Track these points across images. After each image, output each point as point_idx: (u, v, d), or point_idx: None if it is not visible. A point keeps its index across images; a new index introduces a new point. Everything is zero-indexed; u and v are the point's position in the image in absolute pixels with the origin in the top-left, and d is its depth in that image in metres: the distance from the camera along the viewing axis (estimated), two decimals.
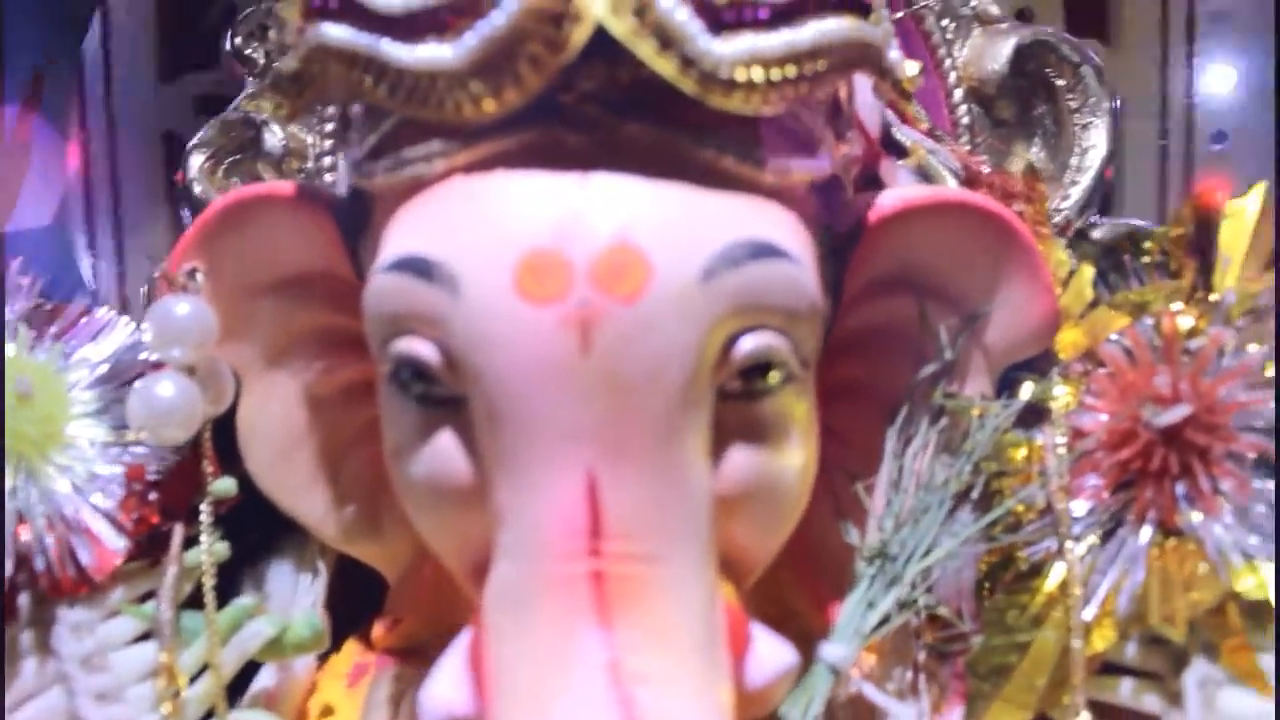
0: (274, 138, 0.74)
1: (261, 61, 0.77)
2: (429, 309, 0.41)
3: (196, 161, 0.73)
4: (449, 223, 0.41)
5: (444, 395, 0.42)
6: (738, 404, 0.43)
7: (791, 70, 0.42)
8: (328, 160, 0.75)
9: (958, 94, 0.74)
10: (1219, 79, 0.96)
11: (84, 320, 0.57)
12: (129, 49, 0.88)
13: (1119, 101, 0.74)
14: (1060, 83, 0.74)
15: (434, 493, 0.43)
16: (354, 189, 0.48)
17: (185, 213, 0.75)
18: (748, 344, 0.42)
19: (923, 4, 0.70)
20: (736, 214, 0.42)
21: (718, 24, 0.40)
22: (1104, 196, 0.76)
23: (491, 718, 0.40)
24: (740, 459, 0.43)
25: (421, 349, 0.42)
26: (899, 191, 0.53)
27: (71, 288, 0.82)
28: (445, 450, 0.43)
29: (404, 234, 0.43)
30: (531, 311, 0.39)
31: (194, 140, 0.74)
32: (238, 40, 0.77)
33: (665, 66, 0.39)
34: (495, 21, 0.40)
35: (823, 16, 0.44)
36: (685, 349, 0.40)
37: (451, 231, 0.41)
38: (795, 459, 0.45)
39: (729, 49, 0.40)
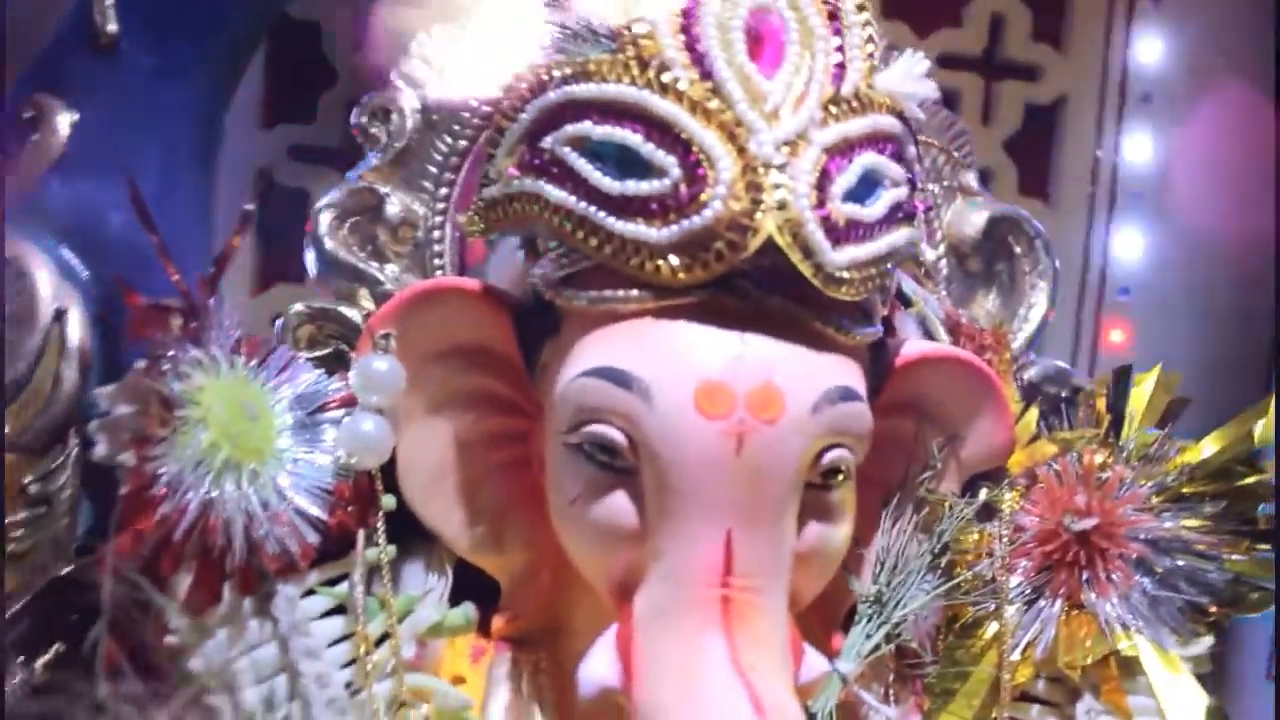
0: (393, 208, 0.92)
1: (383, 140, 0.95)
2: (625, 408, 0.62)
3: (325, 218, 0.91)
4: (644, 350, 0.62)
5: (622, 466, 0.63)
6: (816, 492, 0.65)
7: (873, 270, 0.66)
8: (436, 234, 0.94)
9: (941, 249, 0.99)
10: (1128, 242, 1.25)
11: (272, 355, 0.75)
12: (240, 96, 1.04)
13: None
14: (1018, 249, 0.99)
15: (603, 533, 0.64)
16: (543, 300, 0.68)
17: (311, 256, 0.92)
18: (830, 456, 0.64)
19: (929, 190, 0.94)
20: (834, 367, 0.64)
21: (836, 240, 0.63)
22: None
23: (639, 691, 0.61)
24: (813, 530, 0.65)
25: (613, 434, 0.62)
26: (918, 345, 0.77)
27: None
28: (617, 504, 0.63)
29: (603, 350, 0.63)
30: (705, 423, 0.61)
31: (324, 200, 0.92)
32: (363, 119, 0.95)
33: (805, 269, 0.62)
34: (697, 223, 0.61)
35: (893, 230, 0.67)
36: (799, 456, 0.62)
37: (647, 357, 0.62)
38: (845, 531, 0.68)
39: (841, 258, 0.63)
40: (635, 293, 0.64)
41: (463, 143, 0.91)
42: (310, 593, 0.70)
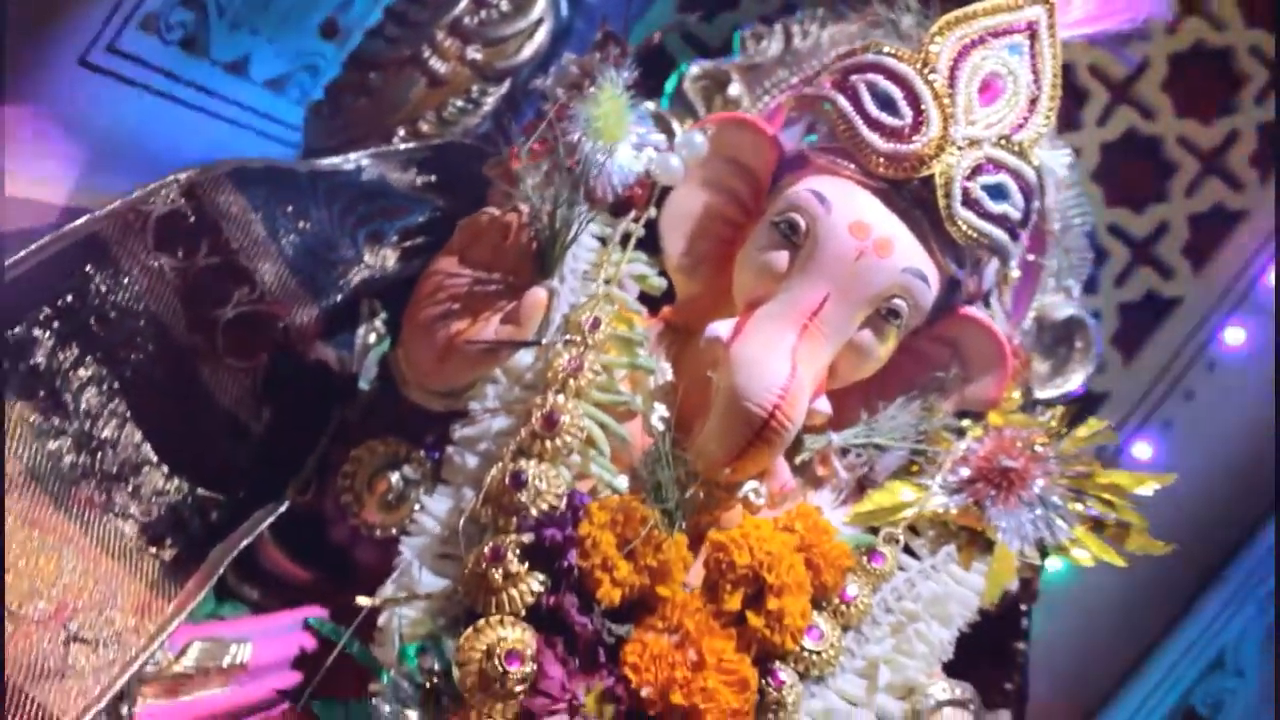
0: (734, 89, 1.55)
1: (750, 50, 1.58)
2: (814, 211, 1.19)
3: (693, 70, 1.55)
4: (840, 191, 1.20)
5: (794, 240, 1.21)
6: (877, 319, 1.20)
7: (974, 234, 1.23)
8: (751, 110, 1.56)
9: (1030, 316, 1.55)
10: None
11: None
12: None
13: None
14: (1078, 344, 1.56)
15: (765, 268, 1.20)
16: (802, 154, 1.28)
17: (672, 82, 1.55)
18: (895, 302, 1.18)
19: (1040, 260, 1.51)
20: (925, 261, 1.19)
21: (964, 202, 1.21)
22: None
23: (735, 344, 1.17)
24: (865, 335, 1.19)
25: (800, 219, 1.19)
26: (980, 313, 1.34)
27: None
28: (781, 257, 1.19)
29: (821, 183, 1.20)
30: (848, 237, 1.17)
31: (698, 64, 1.56)
32: (746, 33, 1.58)
33: (940, 203, 1.19)
34: (904, 149, 1.19)
35: (998, 228, 1.25)
36: (882, 284, 1.16)
37: (839, 194, 1.20)
38: (880, 353, 1.23)
39: (961, 213, 1.20)
40: (853, 168, 1.22)
41: (792, 79, 1.55)
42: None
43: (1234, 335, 1.72)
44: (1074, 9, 1.32)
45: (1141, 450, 1.74)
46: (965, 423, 1.35)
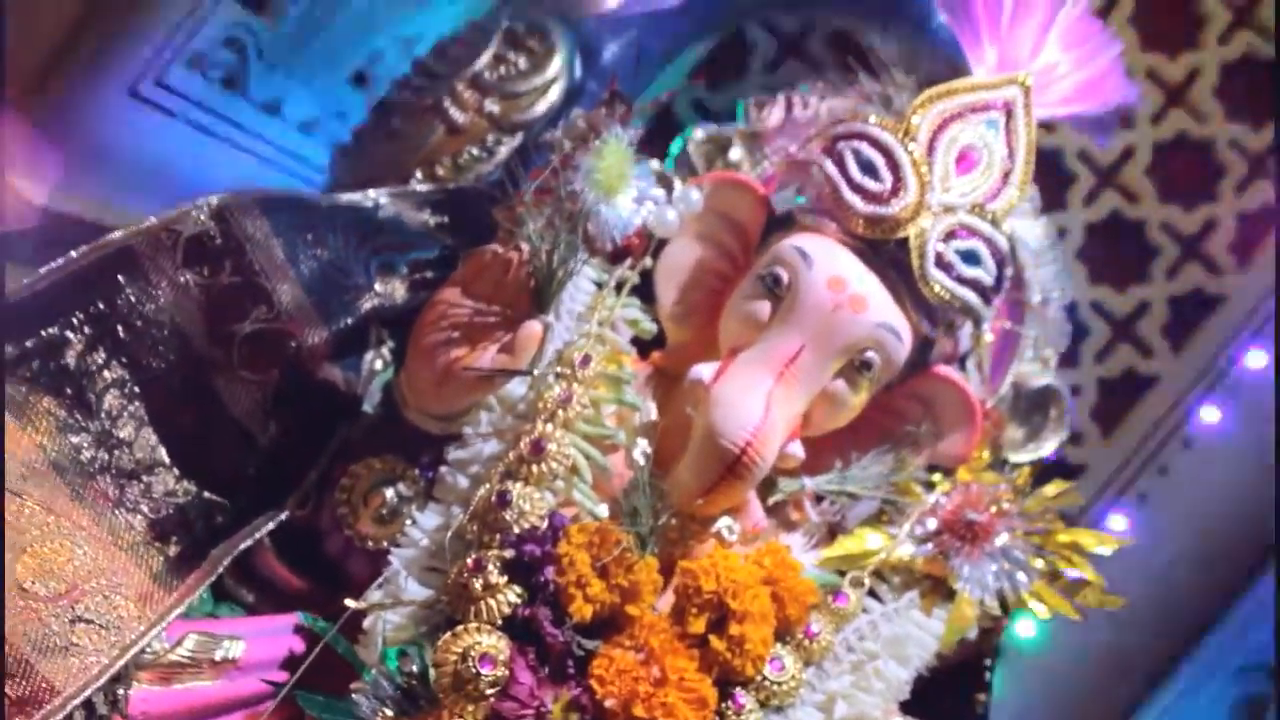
0: (735, 153, 1.67)
1: (754, 117, 1.70)
2: (796, 265, 1.28)
3: (699, 133, 1.66)
4: (821, 249, 1.29)
5: (776, 292, 1.30)
6: (851, 370, 1.29)
7: (946, 295, 1.33)
8: (755, 170, 1.67)
9: (1007, 382, 1.64)
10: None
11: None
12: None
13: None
14: (1053, 413, 1.64)
15: (748, 318, 1.29)
16: (790, 215, 1.38)
17: (675, 145, 1.67)
18: (868, 354, 1.27)
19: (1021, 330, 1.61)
20: (898, 318, 1.28)
21: (936, 264, 1.31)
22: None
23: (716, 386, 1.26)
24: (838, 384, 1.28)
25: (782, 273, 1.29)
26: (953, 372, 1.42)
27: None
28: (763, 308, 1.28)
29: (804, 241, 1.30)
30: (826, 292, 1.27)
31: (704, 128, 1.67)
32: (751, 102, 1.70)
33: (914, 263, 1.28)
34: (883, 211, 1.29)
35: (969, 292, 1.34)
36: (855, 337, 1.25)
37: (820, 251, 1.30)
38: (853, 404, 1.31)
39: (933, 274, 1.30)
40: (835, 228, 1.32)
41: (790, 147, 1.66)
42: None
43: (1210, 414, 1.80)
44: (1050, 92, 1.43)
45: (1117, 522, 1.82)
46: (935, 476, 1.43)
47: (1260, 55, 1.82)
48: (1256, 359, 1.79)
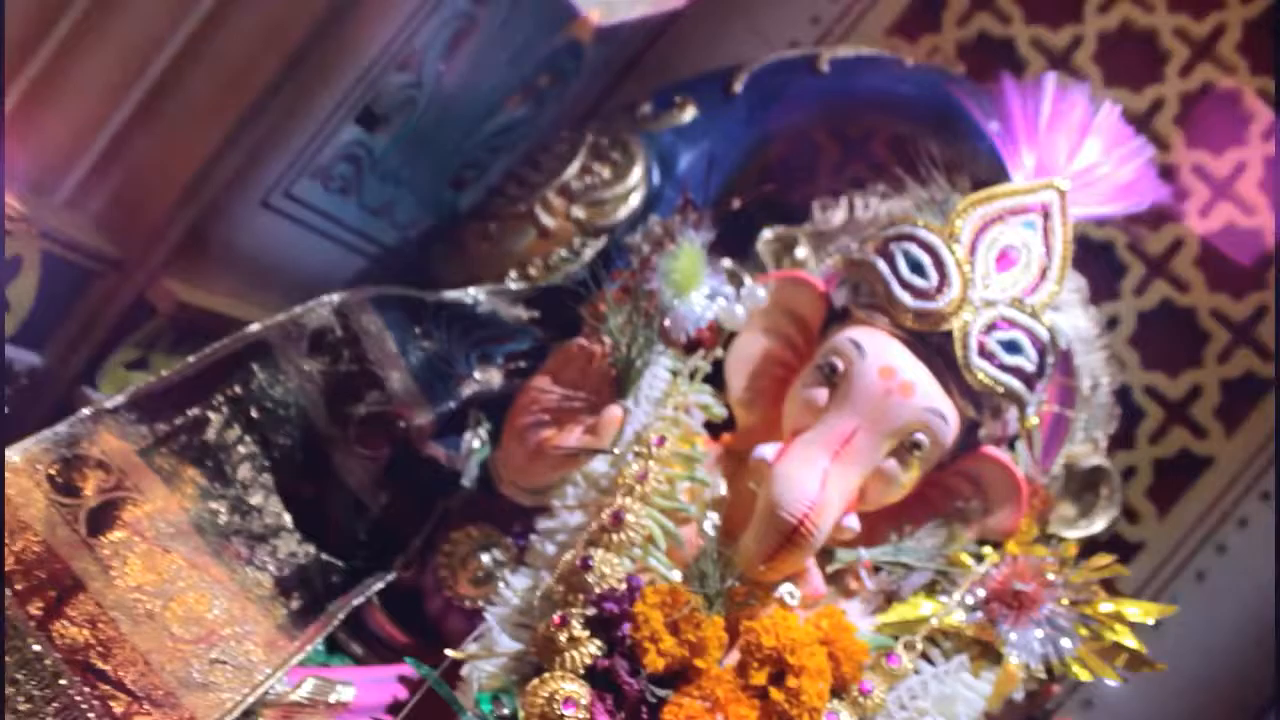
0: (801, 252, 1.84)
1: (816, 219, 1.88)
2: (850, 355, 1.44)
3: (768, 234, 1.84)
4: (873, 341, 1.46)
5: (833, 380, 1.46)
6: (901, 450, 1.44)
7: (989, 382, 1.48)
8: (816, 269, 1.85)
9: (1059, 462, 1.77)
10: None
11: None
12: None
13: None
14: (1104, 491, 1.77)
15: (808, 404, 1.44)
16: (847, 309, 1.55)
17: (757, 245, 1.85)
18: (917, 435, 1.42)
19: (1070, 415, 1.74)
20: (944, 403, 1.43)
21: (980, 354, 1.46)
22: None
23: (778, 463, 1.42)
24: (890, 464, 1.44)
25: (838, 362, 1.45)
26: (1002, 454, 1.57)
27: None
28: (821, 393, 1.44)
29: (858, 334, 1.46)
30: (878, 379, 1.43)
31: (773, 231, 1.86)
32: (818, 204, 1.88)
33: (958, 353, 1.44)
34: (929, 306, 1.46)
35: (1013, 379, 1.49)
36: (904, 420, 1.40)
37: (873, 344, 1.45)
38: (904, 481, 1.46)
39: (976, 362, 1.45)
40: (886, 321, 1.49)
41: (852, 245, 1.83)
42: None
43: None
44: (1089, 193, 1.58)
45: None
46: (985, 550, 1.57)
47: None
48: None
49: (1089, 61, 2.02)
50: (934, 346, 1.47)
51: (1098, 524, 1.75)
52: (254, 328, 1.46)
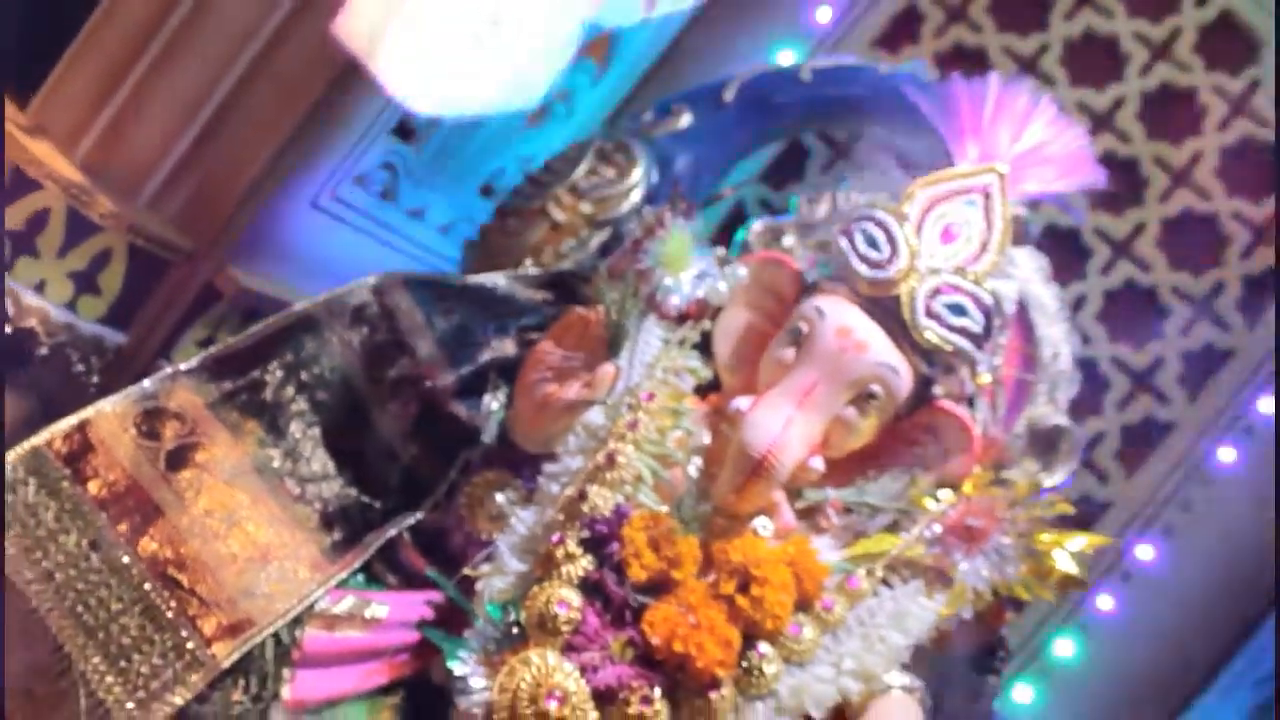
0: (788, 239, 2.11)
1: (804, 211, 2.15)
2: (813, 319, 1.70)
3: (758, 224, 2.12)
4: (832, 307, 1.72)
5: (800, 341, 1.71)
6: (859, 400, 1.69)
7: (936, 340, 1.73)
8: (791, 251, 2.12)
9: (1021, 422, 2.00)
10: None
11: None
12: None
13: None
14: (1063, 447, 2.00)
15: (779, 362, 1.69)
16: (816, 281, 1.81)
17: (743, 230, 2.14)
18: (872, 387, 1.67)
19: (1030, 377, 1.97)
20: (898, 359, 1.67)
21: (926, 315, 1.71)
22: None
23: (750, 410, 1.68)
24: (850, 412, 1.68)
25: (803, 327, 1.72)
26: (957, 407, 1.81)
27: None
28: (790, 353, 1.68)
29: (822, 301, 1.72)
30: (835, 338, 1.67)
31: (762, 221, 2.14)
32: (804, 199, 2.16)
33: (905, 314, 1.69)
34: (880, 275, 1.71)
35: (957, 338, 1.74)
36: (860, 372, 1.64)
37: (832, 308, 1.71)
38: (863, 429, 1.69)
39: (923, 323, 1.70)
40: (846, 289, 1.75)
41: (825, 238, 2.10)
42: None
43: (1227, 454, 2.12)
44: (1028, 176, 1.83)
45: (1144, 552, 2.14)
46: (943, 492, 1.81)
47: (1258, 140, 2.17)
48: (1267, 405, 2.10)
49: (1056, 65, 2.27)
50: (886, 309, 1.73)
51: (1057, 476, 1.98)
52: (303, 304, 1.76)
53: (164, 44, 1.76)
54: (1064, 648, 1.89)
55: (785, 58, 2.34)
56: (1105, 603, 2.17)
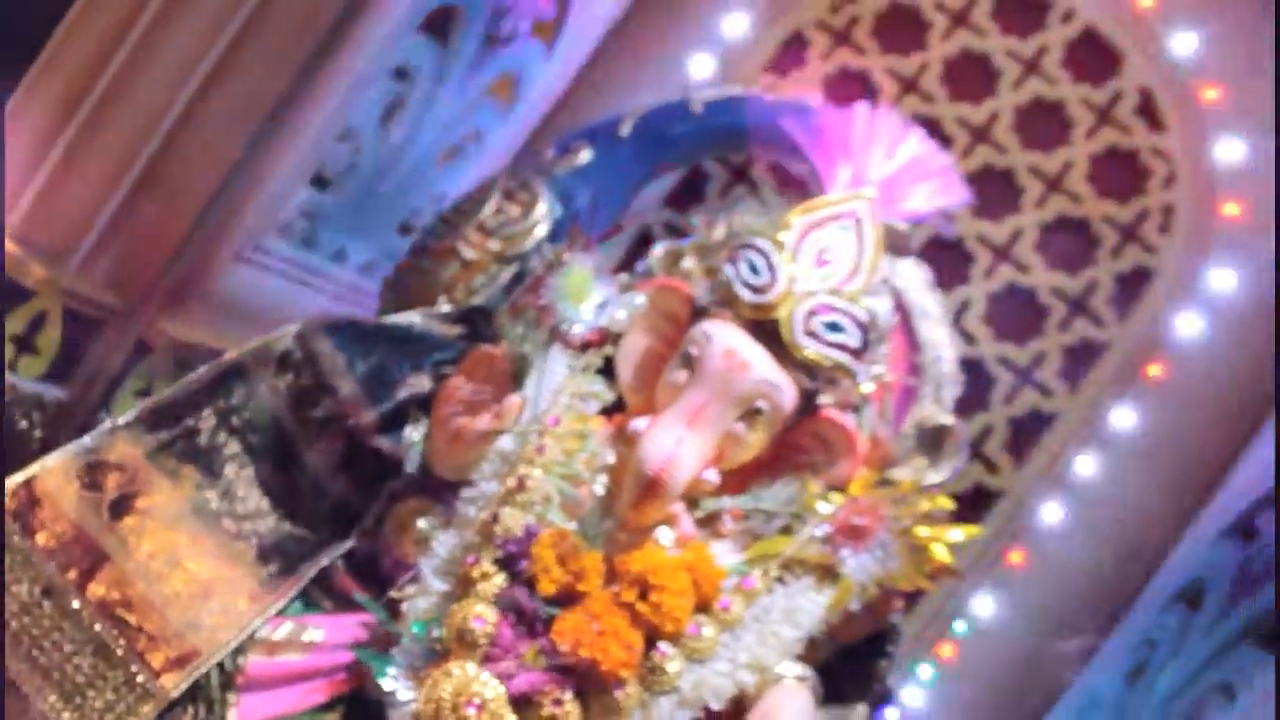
0: (688, 263, 2.30)
1: (702, 233, 2.34)
2: (702, 342, 1.89)
3: (660, 251, 2.31)
4: (717, 331, 1.89)
5: (691, 365, 1.89)
6: (749, 415, 1.88)
7: (813, 357, 1.92)
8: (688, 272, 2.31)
9: (909, 422, 2.20)
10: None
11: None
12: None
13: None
14: (948, 444, 2.19)
15: (673, 384, 1.87)
16: (703, 305, 2.00)
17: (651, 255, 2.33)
18: (759, 403, 1.86)
19: (914, 381, 2.17)
20: (780, 375, 1.86)
21: (805, 334, 1.91)
22: None
23: (646, 432, 1.87)
24: (739, 426, 1.87)
25: (693, 350, 1.90)
26: (840, 415, 2.00)
27: None
28: (682, 375, 1.85)
29: (710, 325, 1.91)
30: (722, 360, 1.85)
31: (662, 248, 2.32)
32: (700, 219, 2.35)
33: (785, 335, 1.88)
34: (761, 299, 1.91)
35: (835, 354, 1.93)
36: (745, 390, 1.82)
37: (718, 332, 1.89)
38: (752, 441, 1.89)
39: (802, 341, 1.89)
40: (730, 313, 1.94)
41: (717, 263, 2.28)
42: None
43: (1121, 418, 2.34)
44: (895, 201, 2.03)
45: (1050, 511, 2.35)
46: (833, 495, 2.00)
47: (1123, 147, 2.38)
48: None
49: (935, 83, 2.46)
50: (768, 331, 1.92)
51: (944, 472, 2.18)
52: (231, 354, 1.94)
53: (79, 125, 1.92)
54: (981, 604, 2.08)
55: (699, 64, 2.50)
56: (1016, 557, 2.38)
